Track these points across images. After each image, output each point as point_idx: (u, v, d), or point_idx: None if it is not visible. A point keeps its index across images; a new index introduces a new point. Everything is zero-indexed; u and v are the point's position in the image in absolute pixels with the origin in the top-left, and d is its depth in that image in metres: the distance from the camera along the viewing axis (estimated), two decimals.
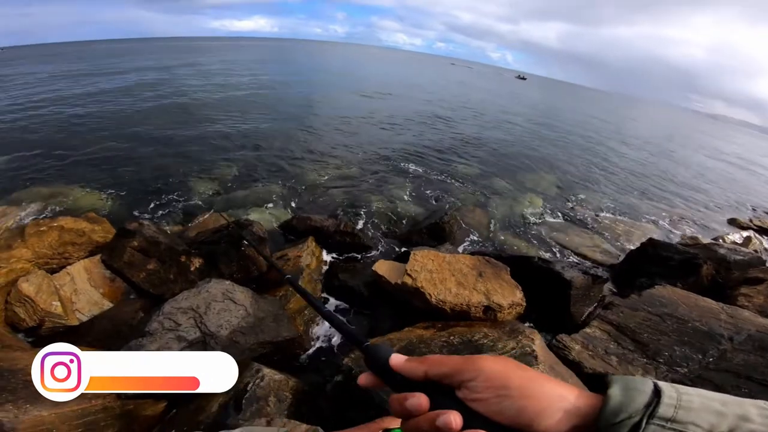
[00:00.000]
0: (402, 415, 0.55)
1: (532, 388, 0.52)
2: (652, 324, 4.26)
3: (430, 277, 4.60)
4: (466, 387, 0.54)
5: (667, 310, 4.53)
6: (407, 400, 0.54)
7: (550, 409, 0.50)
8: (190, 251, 4.94)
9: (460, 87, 47.85)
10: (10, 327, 3.83)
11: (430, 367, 0.57)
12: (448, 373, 0.56)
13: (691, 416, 0.45)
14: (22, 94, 21.06)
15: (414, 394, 0.55)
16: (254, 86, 26.16)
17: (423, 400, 0.54)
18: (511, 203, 10.00)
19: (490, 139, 17.66)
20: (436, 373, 0.57)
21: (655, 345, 3.89)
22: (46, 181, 8.61)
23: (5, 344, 3.00)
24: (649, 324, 4.26)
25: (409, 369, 0.59)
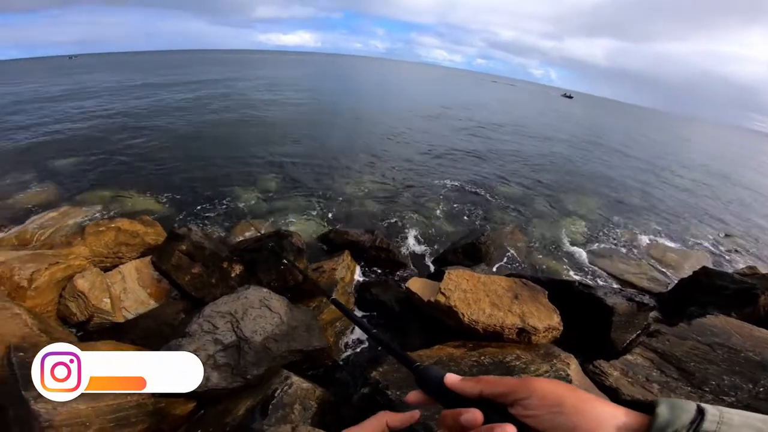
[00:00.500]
0: (455, 428, 0.60)
1: (585, 406, 0.56)
2: (701, 353, 4.04)
3: (463, 296, 4.56)
4: (520, 404, 0.58)
5: (719, 339, 4.27)
6: (462, 415, 0.59)
7: (602, 426, 0.54)
8: (232, 258, 5.14)
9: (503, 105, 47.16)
10: (61, 320, 4.11)
11: (486, 386, 0.62)
12: (504, 392, 0.60)
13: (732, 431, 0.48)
14: (90, 101, 22.90)
15: (469, 409, 0.60)
16: (299, 101, 27.01)
17: (478, 415, 0.58)
18: (552, 226, 9.73)
19: (532, 159, 17.27)
20: (492, 392, 0.61)
21: (702, 374, 3.69)
22: (107, 184, 9.29)
23: (54, 337, 3.22)
24: (697, 353, 4.04)
25: (465, 387, 0.64)
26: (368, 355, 4.37)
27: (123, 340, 3.47)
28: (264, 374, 3.15)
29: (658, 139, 40.48)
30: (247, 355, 3.24)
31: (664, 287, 7.17)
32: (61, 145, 13.01)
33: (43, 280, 4.17)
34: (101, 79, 38.89)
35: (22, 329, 3.01)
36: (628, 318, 4.91)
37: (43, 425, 2.15)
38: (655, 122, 79.53)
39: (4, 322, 3.00)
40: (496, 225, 9.15)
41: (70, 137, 14.09)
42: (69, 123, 16.54)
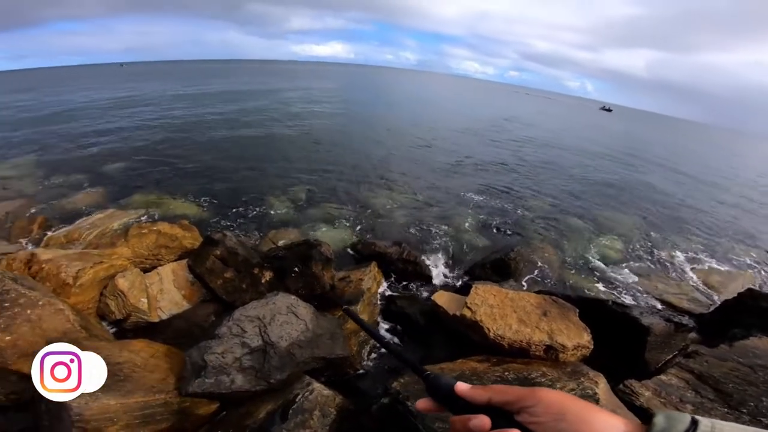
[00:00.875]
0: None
1: (586, 415, 0.59)
2: (741, 375, 3.91)
3: (490, 311, 4.53)
4: (526, 412, 0.62)
5: (761, 361, 4.12)
6: (471, 421, 0.63)
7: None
8: (263, 264, 5.29)
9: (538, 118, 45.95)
10: (99, 317, 4.34)
11: (494, 394, 0.66)
12: (511, 400, 0.64)
13: None
14: (139, 108, 24.27)
15: (477, 416, 0.64)
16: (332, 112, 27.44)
17: (486, 421, 0.63)
18: (586, 243, 9.43)
19: (566, 173, 16.81)
20: (499, 399, 0.65)
21: (741, 395, 3.58)
22: (150, 188, 9.79)
23: (93, 333, 3.40)
24: (737, 374, 3.91)
25: (474, 395, 0.68)
26: (389, 365, 4.38)
27: (155, 339, 3.62)
28: (287, 379, 3.22)
29: (703, 154, 38.62)
30: (272, 359, 3.32)
31: (705, 308, 6.86)
32: (111, 149, 13.89)
33: (87, 278, 4.42)
34: (149, 87, 41.24)
35: (64, 324, 3.20)
36: (665, 338, 4.78)
37: (73, 419, 2.27)
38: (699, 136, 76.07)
39: (49, 317, 3.19)
40: (527, 240, 8.97)
41: (119, 143, 15.00)
42: (119, 129, 17.61)
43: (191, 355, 3.19)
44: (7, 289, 3.25)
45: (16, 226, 7.23)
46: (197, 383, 2.92)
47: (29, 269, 4.35)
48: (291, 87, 49.07)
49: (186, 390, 2.88)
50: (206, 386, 2.92)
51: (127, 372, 2.81)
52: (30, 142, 14.85)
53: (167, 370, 3.07)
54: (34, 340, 2.89)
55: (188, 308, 4.81)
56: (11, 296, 3.21)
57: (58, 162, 12.03)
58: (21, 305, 3.17)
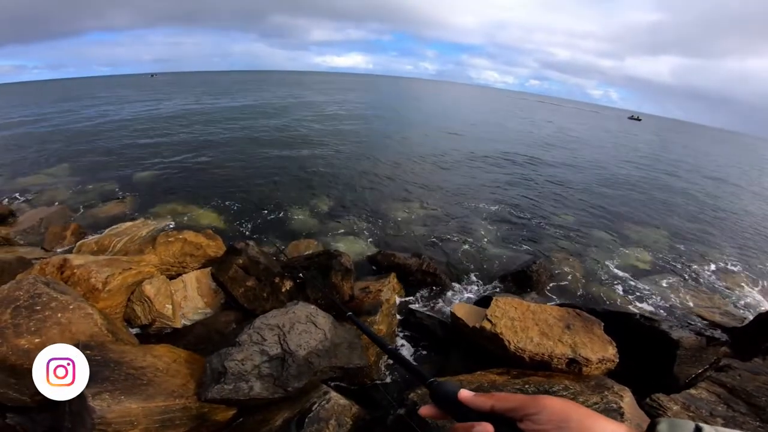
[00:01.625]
0: None
1: (589, 423, 0.59)
2: None
3: (510, 324, 4.47)
4: (529, 419, 0.62)
5: None
6: (474, 428, 0.64)
7: None
8: (284, 274, 5.36)
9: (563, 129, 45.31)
10: (126, 322, 4.46)
11: (497, 401, 0.67)
12: (514, 407, 0.65)
13: None
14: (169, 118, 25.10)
15: (480, 423, 0.65)
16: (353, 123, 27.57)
17: (489, 429, 0.63)
18: (612, 255, 9.20)
19: (593, 185, 16.39)
20: (503, 406, 0.66)
21: None
22: (177, 197, 10.10)
23: (119, 337, 3.50)
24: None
25: (477, 402, 0.69)
26: (405, 375, 4.36)
27: (178, 345, 3.71)
28: (304, 387, 3.24)
29: (734, 163, 37.09)
30: (290, 367, 3.35)
31: (739, 322, 6.60)
32: (140, 159, 14.43)
33: (116, 283, 4.54)
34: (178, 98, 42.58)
35: (92, 328, 3.31)
36: (695, 352, 4.69)
37: (95, 421, 2.32)
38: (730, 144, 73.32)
39: (78, 320, 3.30)
40: (550, 253, 8.80)
41: (148, 153, 15.55)
42: (149, 139, 18.31)
43: (212, 362, 3.25)
44: (39, 293, 3.37)
45: (50, 233, 7.53)
46: (216, 389, 2.97)
47: (61, 274, 4.50)
48: (315, 98, 49.85)
49: (205, 396, 2.93)
50: (225, 392, 2.97)
51: (150, 376, 2.89)
52: (65, 151, 15.69)
53: (188, 376, 3.13)
54: (63, 342, 3.00)
55: (210, 315, 4.92)
56: (43, 300, 3.33)
57: (91, 171, 12.59)
58: (52, 309, 3.28)
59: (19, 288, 3.36)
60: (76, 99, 42.80)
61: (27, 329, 2.96)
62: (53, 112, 29.58)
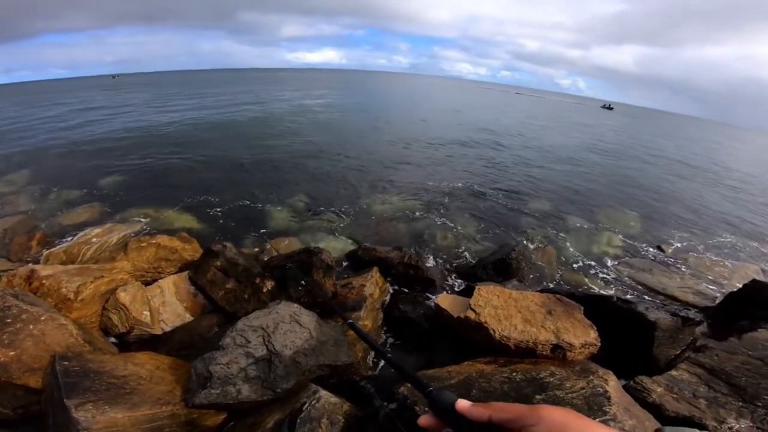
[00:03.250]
0: None
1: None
2: (753, 368, 3.96)
3: (494, 312, 4.51)
4: (527, 431, 0.60)
5: None
6: None
7: None
8: (264, 274, 5.27)
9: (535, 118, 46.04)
10: (102, 331, 4.31)
11: (494, 412, 0.65)
12: (512, 418, 0.63)
13: None
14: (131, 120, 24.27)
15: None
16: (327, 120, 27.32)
17: None
18: (587, 240, 9.44)
19: (564, 174, 16.76)
20: (500, 417, 0.64)
21: (754, 389, 3.60)
22: (148, 201, 9.77)
23: (97, 347, 3.38)
24: (749, 368, 3.96)
25: (474, 413, 0.67)
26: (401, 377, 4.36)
27: (160, 352, 3.61)
28: (293, 388, 3.19)
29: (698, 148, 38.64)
30: (277, 368, 3.29)
31: (711, 301, 6.87)
32: (105, 163, 13.81)
33: (88, 292, 4.39)
34: (141, 99, 41.41)
35: (68, 339, 3.18)
36: (672, 333, 4.79)
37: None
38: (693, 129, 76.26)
39: (51, 331, 3.17)
40: (528, 240, 8.98)
41: (113, 156, 14.93)
42: (112, 142, 17.54)
43: (196, 367, 3.17)
44: (8, 306, 3.22)
45: (15, 243, 7.19)
46: (203, 394, 2.90)
47: (30, 285, 4.32)
48: (285, 95, 49.15)
49: (193, 401, 2.86)
50: (212, 397, 2.90)
51: (133, 385, 2.79)
52: (23, 157, 14.81)
53: (173, 382, 3.04)
54: (39, 354, 2.87)
55: (191, 320, 4.79)
56: (13, 312, 3.18)
57: (54, 177, 11.97)
58: (23, 321, 3.14)
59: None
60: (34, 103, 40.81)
61: (0, 342, 2.82)
62: (10, 117, 28.16)
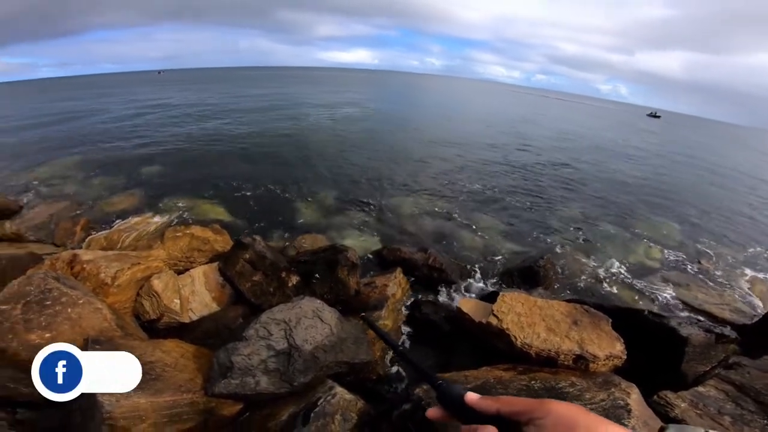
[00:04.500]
0: None
1: (596, 428, 0.58)
2: None
3: (517, 319, 4.47)
4: (533, 424, 0.62)
5: None
6: (479, 431, 0.65)
7: None
8: (290, 268, 5.39)
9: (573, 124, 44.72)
10: (134, 317, 4.51)
11: (503, 405, 0.67)
12: (520, 411, 0.65)
13: None
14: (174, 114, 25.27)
15: (485, 426, 0.65)
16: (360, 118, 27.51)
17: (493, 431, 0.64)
18: (621, 251, 9.11)
19: (601, 182, 16.12)
20: (508, 410, 0.66)
21: None
22: (184, 192, 10.16)
23: (128, 332, 3.54)
24: None
25: (483, 405, 0.69)
26: (413, 372, 4.38)
27: (185, 339, 3.74)
28: (310, 382, 3.26)
29: (751, 160, 36.54)
30: (296, 362, 3.36)
31: (749, 319, 6.55)
32: (148, 153, 14.60)
33: (125, 278, 4.58)
34: (185, 94, 43.01)
35: (102, 323, 3.34)
36: (704, 349, 4.64)
37: (104, 416, 2.35)
38: (745, 140, 71.99)
39: (87, 315, 3.34)
40: (558, 248, 8.75)
41: (155, 147, 15.73)
42: (156, 133, 18.43)
43: (219, 356, 3.28)
44: (49, 288, 3.41)
45: (61, 228, 7.62)
46: (223, 384, 3.00)
47: (71, 269, 4.55)
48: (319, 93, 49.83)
49: (212, 390, 2.96)
50: (232, 387, 2.99)
51: (158, 371, 2.91)
52: (73, 145, 15.82)
53: (195, 370, 3.16)
54: (73, 337, 3.03)
55: (217, 310, 4.96)
56: (54, 295, 3.37)
57: (99, 165, 12.71)
58: (62, 304, 3.32)
59: (30, 283, 3.39)
60: (85, 96, 43.08)
61: (38, 324, 3.00)
62: (63, 109, 29.78)
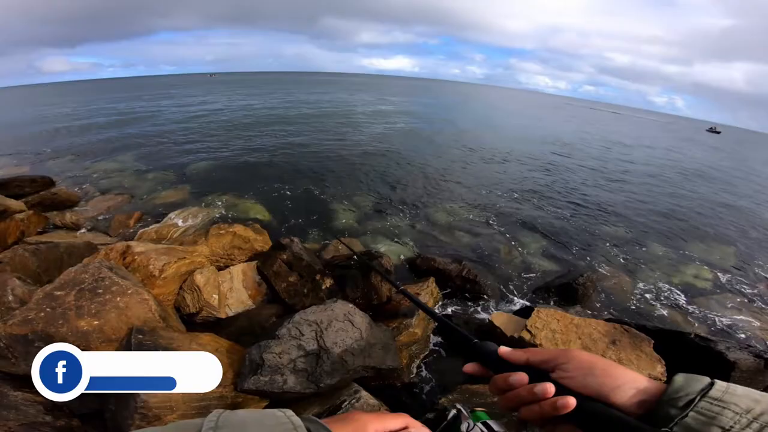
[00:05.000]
0: (505, 389, 0.74)
1: (612, 370, 0.67)
2: None
3: (551, 336, 4.40)
4: (559, 369, 0.70)
5: None
6: (511, 377, 0.73)
7: (624, 386, 0.65)
8: (325, 271, 5.51)
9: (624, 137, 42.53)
10: (175, 309, 4.73)
11: (531, 355, 0.76)
12: (546, 359, 0.74)
13: (734, 399, 0.58)
14: (224, 114, 26.38)
15: (517, 372, 0.73)
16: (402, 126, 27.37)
17: (524, 377, 0.72)
18: (669, 272, 8.62)
19: (653, 198, 15.25)
20: (536, 359, 0.75)
21: None
22: (228, 190, 10.61)
23: (169, 324, 3.72)
24: None
25: (514, 356, 0.78)
26: (438, 380, 4.37)
27: (220, 334, 3.90)
28: (336, 385, 3.32)
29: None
30: (324, 364, 3.44)
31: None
32: (198, 150, 15.56)
33: (171, 272, 4.82)
34: (234, 97, 44.85)
35: (147, 314, 3.54)
36: (752, 375, 4.51)
37: (138, 405, 2.50)
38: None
39: (135, 305, 3.54)
40: (599, 265, 8.37)
41: (205, 145, 16.72)
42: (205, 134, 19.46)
43: (251, 353, 3.40)
44: (102, 277, 3.64)
45: (116, 220, 8.15)
46: (253, 380, 3.11)
47: (123, 260, 4.83)
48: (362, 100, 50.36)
49: (242, 385, 3.08)
50: (261, 384, 3.10)
51: None
52: (131, 143, 17.10)
53: (227, 365, 3.29)
54: (119, 326, 3.23)
55: (253, 307, 5.13)
56: (105, 284, 3.59)
57: (153, 160, 13.71)
58: (113, 292, 3.54)
59: (86, 271, 3.64)
60: (144, 96, 45.87)
61: (88, 311, 3.21)
62: (125, 109, 31.82)
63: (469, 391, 3.68)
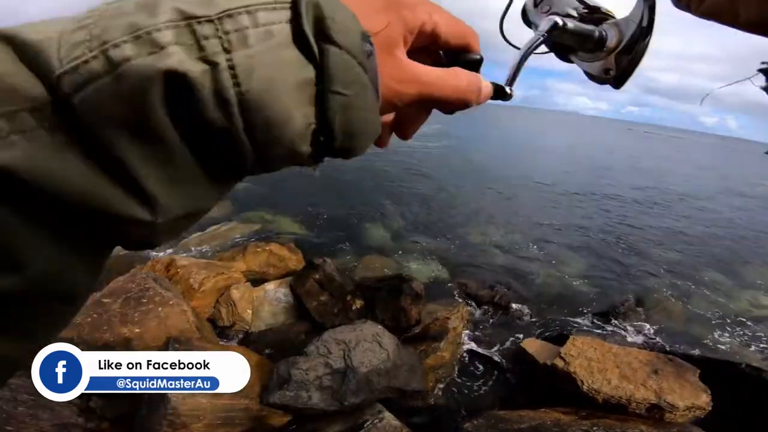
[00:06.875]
0: None
1: None
2: None
3: (587, 364, 4.25)
4: None
5: None
6: None
7: None
8: (356, 292, 5.59)
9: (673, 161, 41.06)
10: (210, 322, 4.92)
11: None
12: None
13: None
14: None
15: None
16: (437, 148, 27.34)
17: None
18: (723, 299, 8.05)
19: (709, 225, 14.40)
20: None
21: None
22: (265, 206, 10.78)
23: (204, 335, 3.89)
24: None
25: None
26: (462, 404, 4.28)
27: (250, 348, 4.03)
28: (360, 404, 3.34)
29: None
30: (350, 383, 3.47)
31: None
32: None
33: (209, 285, 5.04)
34: None
35: (184, 324, 3.73)
36: None
37: (168, 411, 2.61)
38: None
39: (174, 315, 3.74)
40: (643, 292, 7.94)
41: None
42: None
43: (279, 368, 3.49)
44: (147, 287, 3.88)
45: None
46: (279, 395, 3.18)
47: (168, 272, 5.11)
48: None
49: (268, 399, 3.16)
50: (286, 399, 3.17)
51: None
52: None
53: (255, 378, 3.38)
54: (158, 335, 3.42)
55: (283, 324, 5.25)
56: (149, 294, 3.83)
57: None
58: (155, 302, 3.76)
59: (133, 281, 3.89)
60: None
61: (131, 319, 3.42)
62: None
63: (496, 417, 3.61)
